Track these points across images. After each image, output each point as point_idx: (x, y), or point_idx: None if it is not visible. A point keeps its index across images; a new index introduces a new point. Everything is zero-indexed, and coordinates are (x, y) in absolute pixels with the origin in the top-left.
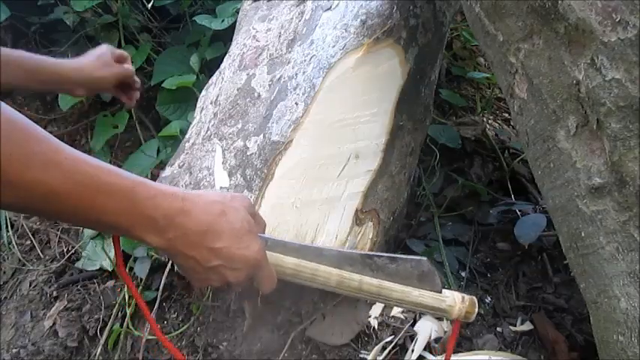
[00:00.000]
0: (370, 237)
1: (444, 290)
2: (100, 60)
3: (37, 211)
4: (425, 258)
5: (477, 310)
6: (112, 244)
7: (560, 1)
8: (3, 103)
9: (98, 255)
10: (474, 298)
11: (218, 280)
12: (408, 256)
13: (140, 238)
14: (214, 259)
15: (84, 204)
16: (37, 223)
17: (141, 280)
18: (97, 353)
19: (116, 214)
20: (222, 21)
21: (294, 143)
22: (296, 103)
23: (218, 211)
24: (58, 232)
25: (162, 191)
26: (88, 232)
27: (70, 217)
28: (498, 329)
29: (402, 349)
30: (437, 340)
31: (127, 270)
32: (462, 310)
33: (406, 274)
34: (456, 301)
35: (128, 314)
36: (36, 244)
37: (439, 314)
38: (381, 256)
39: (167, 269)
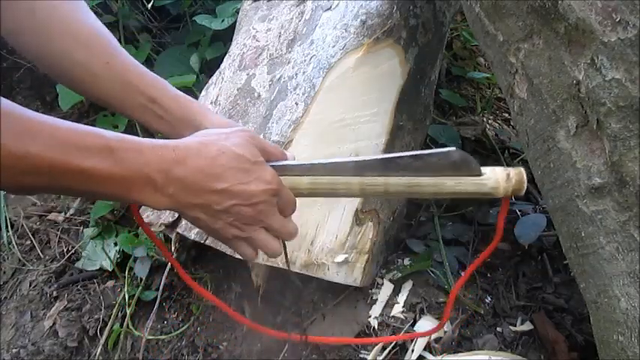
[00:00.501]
0: (370, 237)
1: (484, 169)
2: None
3: (23, 188)
4: (453, 148)
5: (525, 183)
6: (112, 244)
7: (560, 1)
8: None
9: (98, 255)
10: (521, 170)
11: (242, 221)
12: (433, 150)
13: (142, 200)
14: (226, 199)
15: (72, 174)
16: (37, 223)
17: (141, 280)
18: (97, 353)
19: (107, 180)
20: (222, 21)
21: (294, 143)
22: (296, 103)
23: (215, 152)
24: (58, 232)
25: (150, 145)
26: (88, 232)
27: (68, 190)
28: (498, 329)
29: (402, 349)
30: (437, 340)
31: (127, 270)
32: (508, 188)
33: (436, 167)
34: (499, 181)
35: (128, 314)
36: (36, 244)
37: (485, 197)
38: (402, 156)
39: (167, 269)
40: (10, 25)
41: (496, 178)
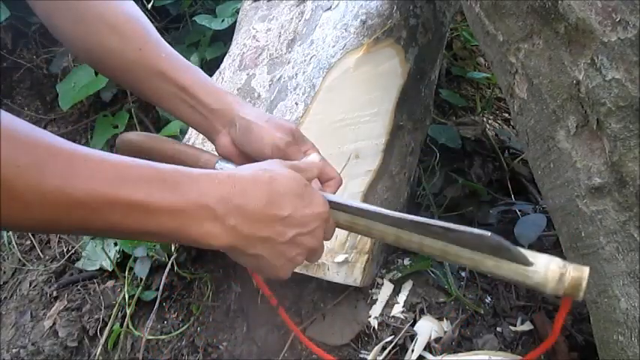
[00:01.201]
0: None
1: (539, 257)
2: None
3: (59, 227)
4: (488, 233)
5: (583, 288)
6: (111, 244)
7: (560, 1)
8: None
9: (98, 255)
10: (582, 273)
11: (301, 254)
12: (466, 229)
13: (199, 236)
14: (289, 229)
15: (120, 208)
16: None
17: (141, 280)
18: (97, 353)
19: (160, 212)
20: (222, 21)
21: None
22: (296, 103)
23: (268, 179)
24: None
25: (205, 174)
26: None
27: (102, 230)
28: (498, 329)
29: (402, 349)
30: (437, 340)
31: (127, 270)
32: (559, 289)
33: (474, 246)
34: (548, 278)
35: (128, 314)
36: (36, 244)
37: (531, 288)
38: (435, 225)
39: (167, 269)
40: (46, 9)
41: (546, 273)
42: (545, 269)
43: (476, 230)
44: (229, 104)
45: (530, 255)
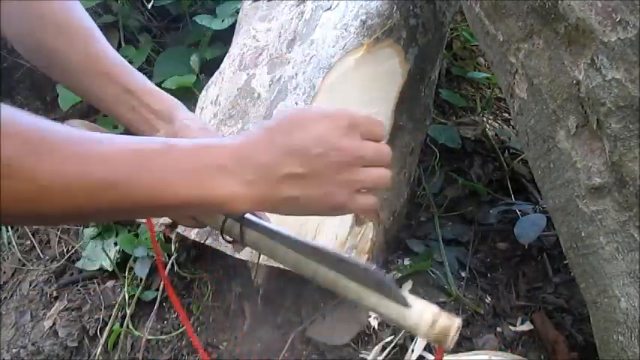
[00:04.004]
0: (370, 237)
1: (418, 303)
2: None
3: (84, 214)
4: (373, 266)
5: (450, 338)
6: (111, 244)
7: (560, 1)
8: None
9: (98, 255)
10: (453, 322)
11: (341, 174)
12: (357, 263)
13: (216, 197)
14: (305, 153)
15: (141, 191)
16: None
17: (141, 280)
18: (97, 353)
19: (180, 184)
20: (222, 21)
21: None
22: (296, 103)
23: (263, 124)
24: (58, 232)
25: (217, 138)
26: (88, 232)
27: (130, 211)
28: (498, 329)
29: (402, 349)
30: None
31: (127, 270)
32: (429, 334)
33: (364, 281)
34: (422, 322)
35: (128, 314)
36: (36, 244)
37: (406, 329)
38: (330, 252)
39: (167, 269)
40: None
41: (420, 317)
42: (420, 314)
43: (363, 264)
44: (170, 106)
45: (410, 299)
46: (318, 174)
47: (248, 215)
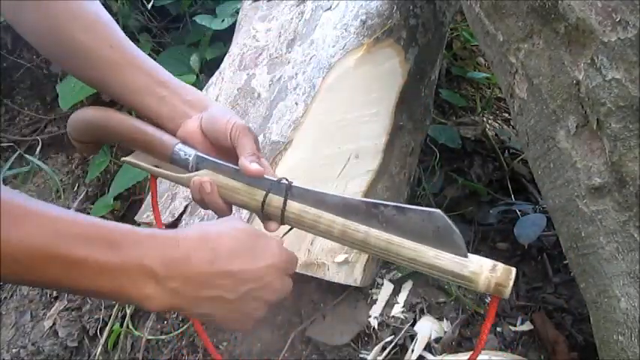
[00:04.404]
0: None
1: (470, 255)
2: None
3: (9, 278)
4: (439, 210)
5: (511, 282)
6: None
7: (560, 1)
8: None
9: None
10: (511, 268)
11: (259, 308)
12: (419, 207)
13: (139, 297)
14: (240, 285)
15: (56, 268)
16: None
17: None
18: (97, 353)
19: (101, 272)
20: (222, 21)
21: (294, 143)
22: (296, 103)
23: (214, 235)
24: None
25: (150, 233)
26: None
27: (49, 284)
28: (498, 329)
29: (402, 349)
30: (437, 340)
31: None
32: (491, 281)
33: (420, 230)
34: (483, 268)
35: (128, 314)
36: None
37: (462, 283)
38: (388, 205)
39: None
40: (12, 5)
41: (480, 264)
42: (479, 260)
43: (424, 208)
44: (200, 97)
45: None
46: (242, 302)
47: (295, 183)
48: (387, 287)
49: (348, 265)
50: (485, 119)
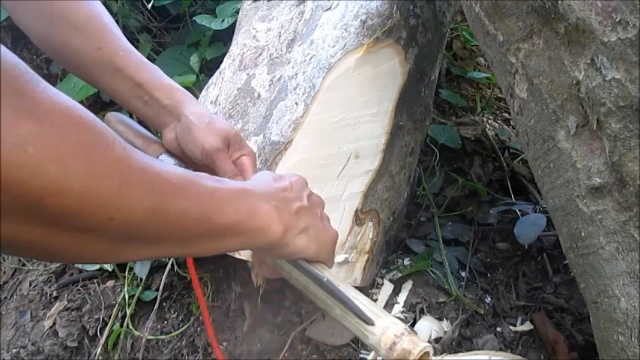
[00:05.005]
0: (370, 237)
1: (383, 318)
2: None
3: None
4: (325, 279)
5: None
6: None
7: (560, 1)
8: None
9: None
10: (416, 346)
11: (331, 231)
12: (314, 271)
13: (258, 221)
14: (311, 206)
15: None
16: None
17: (141, 280)
18: (97, 353)
19: (226, 201)
20: (222, 21)
21: (294, 143)
22: (296, 103)
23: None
24: None
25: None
26: None
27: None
28: (498, 329)
29: None
30: (437, 340)
31: (127, 270)
32: (389, 356)
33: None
34: (380, 343)
35: (128, 314)
36: None
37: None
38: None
39: (167, 269)
40: (13, 6)
41: (380, 338)
42: (381, 334)
43: (321, 275)
44: (179, 101)
45: (377, 315)
46: (313, 210)
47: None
48: (387, 287)
49: (348, 265)
50: (485, 119)
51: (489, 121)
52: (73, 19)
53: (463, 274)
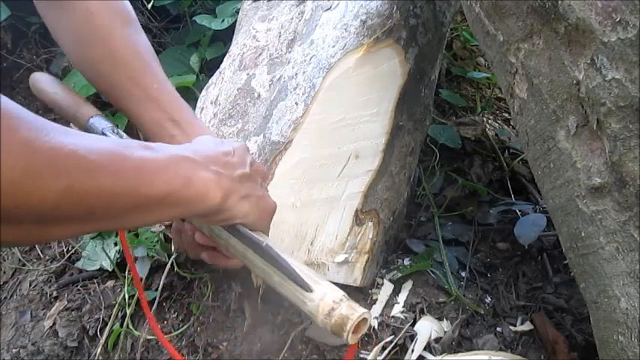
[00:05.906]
0: (370, 237)
1: (321, 285)
2: None
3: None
4: (265, 243)
5: (348, 327)
6: (111, 244)
7: (560, 1)
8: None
9: (98, 255)
10: (354, 312)
11: (269, 199)
12: (254, 236)
13: (194, 189)
14: (238, 164)
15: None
16: None
17: (141, 280)
18: (97, 353)
19: (157, 170)
20: (222, 21)
21: (294, 143)
22: (296, 103)
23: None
24: None
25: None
26: None
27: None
28: (498, 329)
29: (402, 349)
30: (437, 340)
31: (127, 270)
32: (327, 323)
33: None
34: (318, 309)
35: (128, 314)
36: (36, 244)
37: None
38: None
39: (167, 269)
40: (53, 20)
41: (318, 304)
42: (320, 300)
43: (259, 239)
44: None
45: (315, 282)
46: (254, 178)
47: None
48: (387, 287)
49: (348, 265)
50: (485, 119)
51: (489, 121)
52: (108, 47)
53: (463, 274)
